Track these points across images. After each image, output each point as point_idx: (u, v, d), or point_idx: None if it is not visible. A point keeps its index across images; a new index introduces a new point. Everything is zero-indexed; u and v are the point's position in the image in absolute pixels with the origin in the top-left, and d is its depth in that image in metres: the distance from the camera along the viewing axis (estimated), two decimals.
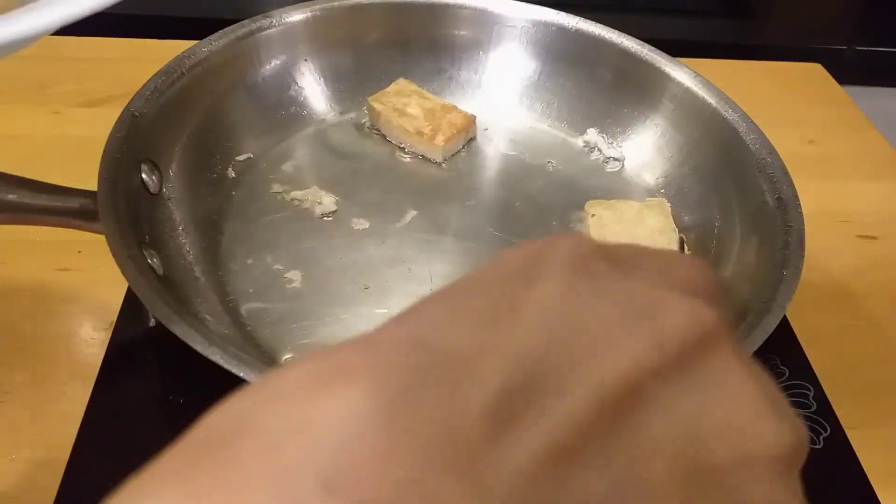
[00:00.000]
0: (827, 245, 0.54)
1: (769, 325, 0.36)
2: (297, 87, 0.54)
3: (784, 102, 0.70)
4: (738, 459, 0.14)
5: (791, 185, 0.44)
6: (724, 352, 0.15)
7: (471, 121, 0.54)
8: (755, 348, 0.34)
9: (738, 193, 0.47)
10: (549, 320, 0.14)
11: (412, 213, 0.49)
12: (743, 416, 0.14)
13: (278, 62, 0.53)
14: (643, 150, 0.54)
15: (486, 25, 0.56)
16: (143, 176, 0.41)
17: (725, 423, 0.14)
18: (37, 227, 0.38)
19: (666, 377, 0.14)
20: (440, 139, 0.52)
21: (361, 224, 0.48)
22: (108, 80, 0.62)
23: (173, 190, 0.44)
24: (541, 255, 0.15)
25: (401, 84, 0.55)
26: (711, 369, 0.14)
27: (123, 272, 0.33)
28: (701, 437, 0.13)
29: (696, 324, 0.14)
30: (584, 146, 0.55)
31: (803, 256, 0.40)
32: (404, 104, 0.53)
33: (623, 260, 0.16)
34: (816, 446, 0.42)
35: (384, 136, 0.55)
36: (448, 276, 0.45)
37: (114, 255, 0.34)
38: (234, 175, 0.49)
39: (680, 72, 0.52)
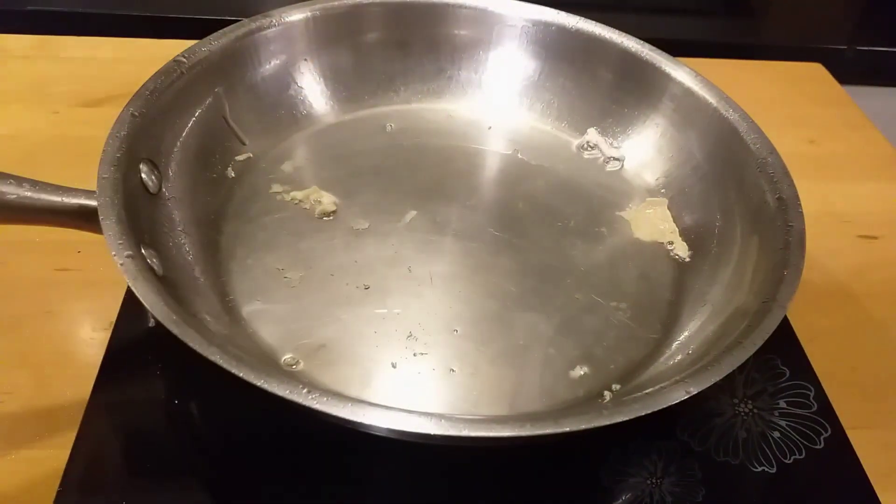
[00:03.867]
0: (827, 245, 0.54)
1: (769, 325, 0.36)
2: (296, 87, 0.54)
3: (784, 102, 0.70)
4: None
5: (791, 184, 0.44)
6: None
7: None
8: (756, 348, 0.34)
9: (738, 193, 0.47)
10: None
11: (412, 213, 0.49)
12: None
13: (278, 62, 0.53)
14: (643, 149, 0.54)
15: (486, 25, 0.56)
16: (143, 176, 0.41)
17: None
18: (36, 227, 0.38)
19: None
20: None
21: (361, 224, 0.48)
22: (108, 80, 0.62)
23: (173, 190, 0.44)
24: None
25: None
26: None
27: (123, 272, 0.33)
28: None
29: None
30: (585, 146, 0.55)
31: (804, 256, 0.40)
32: None
33: None
34: (816, 446, 0.42)
35: (384, 136, 0.55)
36: (448, 276, 0.45)
37: (113, 255, 0.34)
38: (233, 175, 0.49)
39: (680, 71, 0.52)
